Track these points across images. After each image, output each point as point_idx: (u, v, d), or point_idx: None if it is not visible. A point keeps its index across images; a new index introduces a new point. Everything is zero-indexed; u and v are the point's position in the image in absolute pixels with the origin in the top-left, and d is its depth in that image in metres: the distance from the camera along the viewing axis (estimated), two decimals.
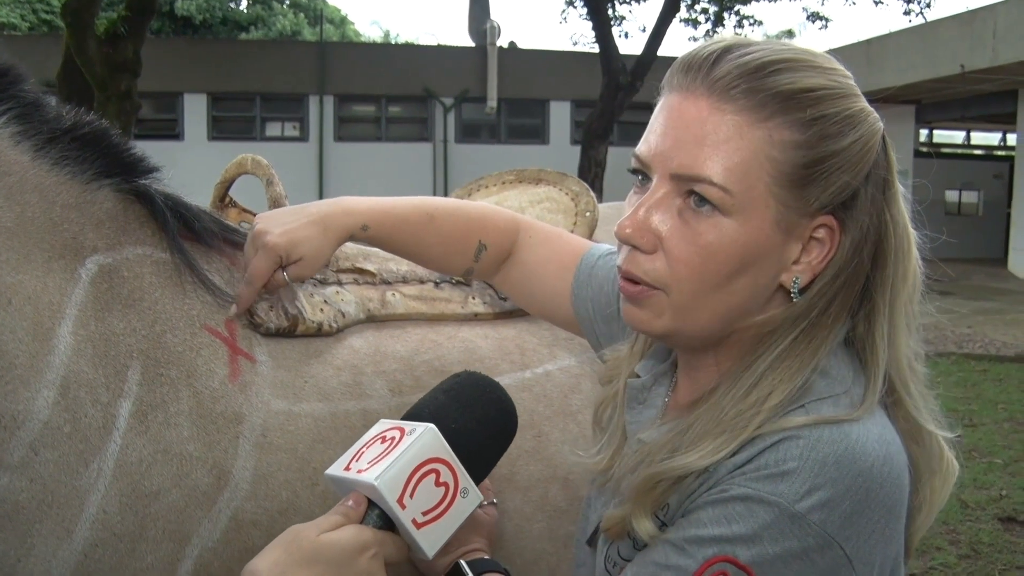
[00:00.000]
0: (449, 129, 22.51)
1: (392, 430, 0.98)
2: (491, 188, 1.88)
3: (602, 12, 16.49)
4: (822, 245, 0.96)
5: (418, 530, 0.93)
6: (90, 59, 10.43)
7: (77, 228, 1.24)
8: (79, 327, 1.19)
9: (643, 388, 1.12)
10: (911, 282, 0.99)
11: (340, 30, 38.16)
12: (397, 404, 1.37)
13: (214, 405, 1.24)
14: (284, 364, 1.33)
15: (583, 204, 1.76)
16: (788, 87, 0.93)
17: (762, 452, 0.89)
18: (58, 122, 1.27)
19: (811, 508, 0.86)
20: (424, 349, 1.47)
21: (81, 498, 1.14)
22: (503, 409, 1.04)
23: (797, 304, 0.97)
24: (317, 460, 1.28)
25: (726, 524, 0.88)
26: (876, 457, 0.89)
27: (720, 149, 0.93)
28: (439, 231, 1.34)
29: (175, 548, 1.19)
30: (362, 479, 0.93)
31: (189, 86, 21.08)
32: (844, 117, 0.94)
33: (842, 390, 0.94)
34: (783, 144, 0.93)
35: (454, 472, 0.95)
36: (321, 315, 1.39)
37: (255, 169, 1.53)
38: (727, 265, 0.95)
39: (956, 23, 15.50)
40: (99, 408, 1.17)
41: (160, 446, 1.19)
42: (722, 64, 0.94)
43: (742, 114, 0.93)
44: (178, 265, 1.30)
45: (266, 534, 1.23)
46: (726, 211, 0.93)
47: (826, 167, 0.94)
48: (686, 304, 0.97)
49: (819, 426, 0.89)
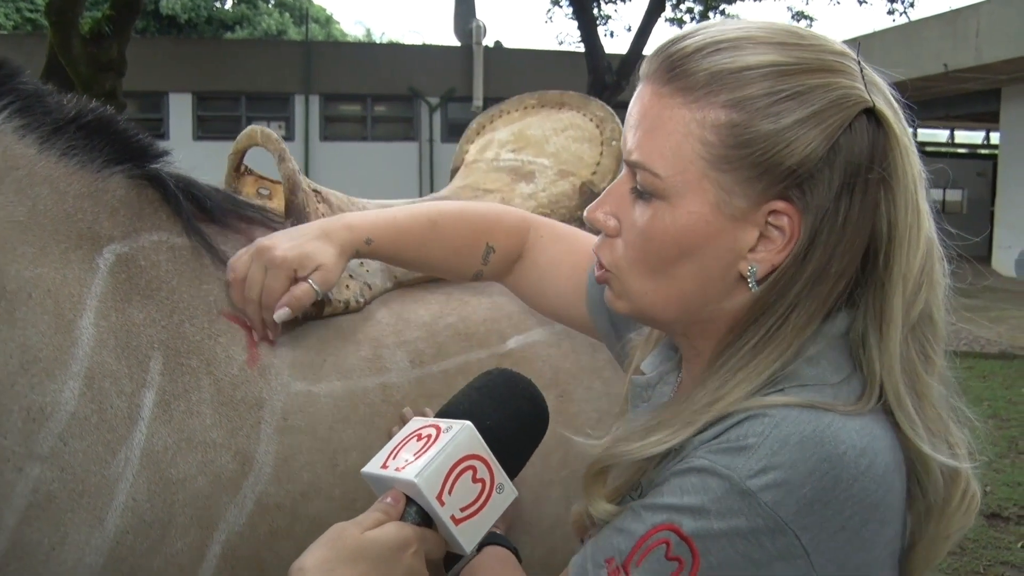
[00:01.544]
0: (435, 128, 22.47)
1: (427, 428, 0.99)
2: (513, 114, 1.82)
3: (587, 11, 16.52)
4: (782, 234, 0.91)
5: (456, 526, 0.94)
6: (74, 58, 10.36)
7: (92, 217, 1.24)
8: (100, 318, 1.20)
9: (647, 386, 1.10)
10: (911, 285, 0.91)
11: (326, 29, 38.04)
12: (417, 376, 1.38)
13: (235, 392, 1.25)
14: (303, 344, 1.34)
15: (609, 131, 1.71)
16: (722, 67, 0.89)
17: (729, 428, 0.86)
18: (61, 112, 1.26)
19: (763, 487, 0.81)
20: (448, 311, 1.46)
21: (111, 486, 1.16)
22: (535, 405, 1.05)
23: (761, 295, 0.92)
24: (337, 440, 1.29)
25: (679, 494, 0.85)
26: (851, 446, 0.83)
27: (653, 134, 0.92)
28: (443, 237, 1.32)
29: (203, 534, 1.20)
30: (401, 476, 0.94)
31: (174, 85, 20.97)
32: (792, 94, 0.88)
33: (835, 380, 0.90)
34: (715, 125, 0.89)
35: (490, 468, 0.96)
36: (347, 292, 1.38)
37: (265, 142, 1.49)
38: (665, 249, 0.93)
39: (939, 22, 15.59)
40: (124, 398, 1.18)
41: (184, 434, 1.21)
42: (670, 47, 0.93)
43: (675, 96, 0.91)
44: (195, 248, 1.31)
45: (290, 516, 1.25)
46: (660, 195, 0.92)
47: (763, 147, 0.88)
48: (632, 288, 0.97)
49: (791, 407, 0.85)
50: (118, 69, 10.71)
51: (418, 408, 1.34)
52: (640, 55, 15.83)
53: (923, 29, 15.93)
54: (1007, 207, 16.11)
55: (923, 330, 0.94)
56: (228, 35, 31.00)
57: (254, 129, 1.53)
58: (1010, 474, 4.87)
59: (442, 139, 22.44)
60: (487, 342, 1.45)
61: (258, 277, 1.26)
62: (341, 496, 1.29)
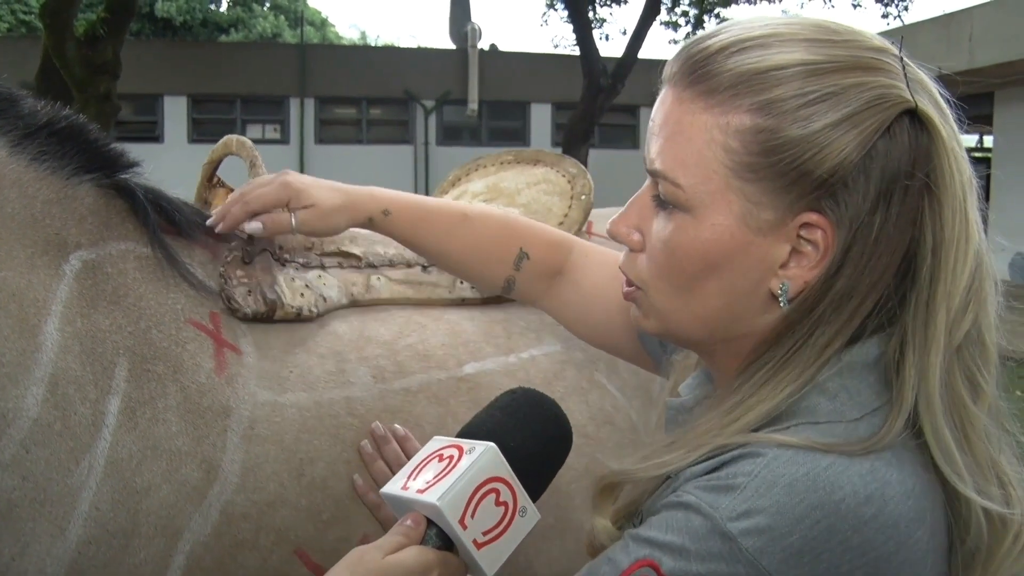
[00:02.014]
0: (430, 131, 22.47)
1: (450, 448, 0.96)
2: (489, 168, 1.87)
3: (583, 14, 16.52)
4: (816, 249, 0.84)
5: (478, 550, 0.91)
6: (69, 61, 10.36)
7: (60, 224, 1.23)
8: (65, 324, 1.19)
9: (682, 409, 1.01)
10: (956, 304, 0.82)
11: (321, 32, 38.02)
12: (380, 391, 1.37)
13: (201, 399, 1.24)
14: (269, 354, 1.33)
15: (579, 187, 1.75)
16: (748, 67, 0.83)
17: (723, 464, 0.82)
18: (34, 117, 1.25)
19: (745, 531, 0.76)
20: (408, 332, 1.46)
21: (73, 495, 1.14)
22: (560, 426, 1.02)
23: (788, 313, 0.85)
24: (303, 450, 1.28)
25: (664, 529, 0.81)
26: (851, 493, 0.76)
27: (674, 141, 0.86)
28: (473, 231, 1.28)
29: (167, 543, 1.19)
30: (424, 499, 0.91)
31: (169, 88, 20.95)
32: (824, 95, 0.81)
33: (853, 416, 0.82)
34: (739, 131, 0.83)
35: (513, 491, 0.93)
36: (301, 300, 1.38)
37: (239, 150, 1.53)
38: (691, 265, 0.87)
39: (933, 26, 15.62)
40: (88, 405, 1.17)
41: (149, 442, 1.19)
42: (692, 50, 0.87)
43: (696, 101, 0.85)
44: (160, 259, 1.30)
45: (256, 526, 1.24)
46: (682, 207, 0.86)
47: (792, 154, 0.81)
48: (661, 305, 0.92)
49: (787, 447, 0.79)
50: (113, 71, 10.72)
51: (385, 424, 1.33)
52: (635, 58, 15.86)
53: (917, 33, 15.95)
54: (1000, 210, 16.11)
55: (971, 354, 0.85)
56: (223, 38, 30.99)
57: (230, 138, 1.55)
58: None
59: (437, 142, 22.45)
60: (445, 365, 1.44)
61: (265, 183, 1.29)
62: (307, 507, 1.27)
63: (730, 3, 18.56)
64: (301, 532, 1.26)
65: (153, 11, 28.73)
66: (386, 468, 1.29)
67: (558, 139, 19.88)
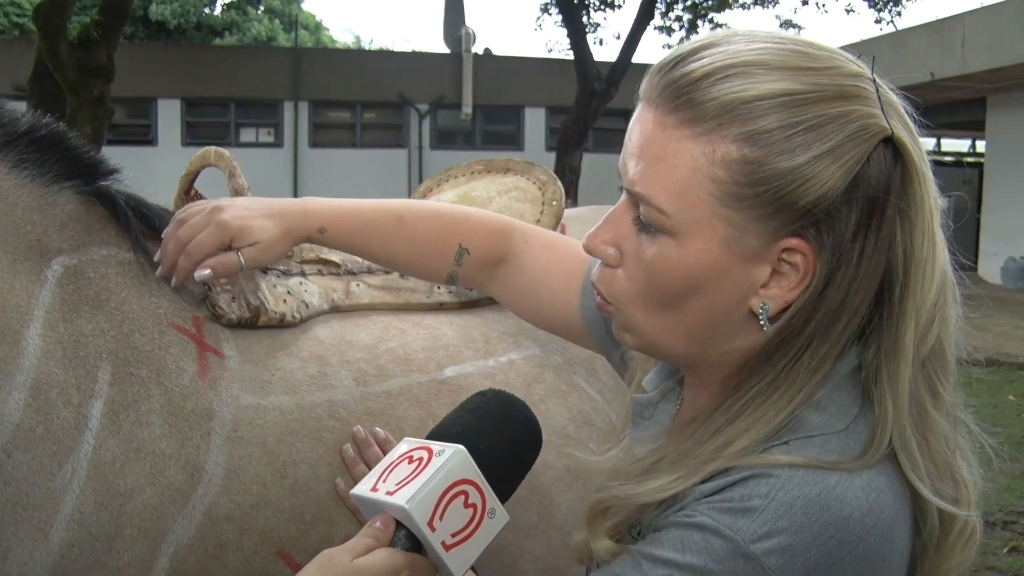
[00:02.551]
0: (424, 135, 22.49)
1: (419, 450, 0.97)
2: (460, 178, 1.89)
3: (577, 19, 16.57)
4: (796, 270, 0.86)
5: (447, 552, 0.92)
6: (62, 64, 10.36)
7: (41, 230, 1.24)
8: (47, 329, 1.19)
9: (649, 404, 1.06)
10: (924, 320, 0.87)
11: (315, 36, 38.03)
12: (361, 394, 1.38)
13: (185, 402, 1.25)
14: (252, 358, 1.34)
15: (550, 193, 1.77)
16: (733, 96, 0.83)
17: (732, 485, 0.83)
18: (14, 125, 1.26)
19: (768, 551, 0.79)
20: (388, 337, 1.47)
21: (56, 499, 1.14)
22: (529, 429, 1.03)
23: (773, 334, 0.88)
24: (285, 453, 1.29)
25: (680, 550, 0.83)
26: (856, 507, 0.81)
27: (657, 167, 0.86)
28: (411, 234, 1.30)
29: (151, 546, 1.19)
30: (392, 501, 0.91)
31: (163, 91, 20.94)
32: (808, 127, 0.82)
33: (841, 426, 0.86)
34: (725, 161, 0.84)
35: (482, 493, 0.94)
36: (284, 306, 1.40)
37: (218, 161, 1.54)
38: (672, 286, 0.89)
39: (926, 32, 15.67)
40: (71, 409, 1.17)
41: (133, 445, 1.19)
42: (675, 71, 0.87)
43: (681, 128, 0.85)
44: (142, 264, 1.31)
45: (239, 528, 1.24)
46: (666, 231, 0.87)
47: (778, 185, 0.83)
48: (636, 322, 0.94)
49: (796, 467, 0.82)
50: (106, 75, 10.72)
51: (367, 427, 1.34)
52: (629, 62, 15.90)
53: (910, 38, 16.01)
54: (993, 215, 16.18)
55: (933, 365, 0.90)
56: (217, 41, 30.95)
57: (208, 150, 1.56)
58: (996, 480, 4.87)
59: (431, 146, 22.47)
60: (426, 368, 1.45)
61: (199, 226, 1.26)
62: (290, 508, 1.28)
63: (724, 8, 18.60)
64: (284, 533, 1.26)
65: (147, 14, 28.70)
66: (367, 471, 1.29)
67: (552, 143, 19.90)
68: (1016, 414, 6.45)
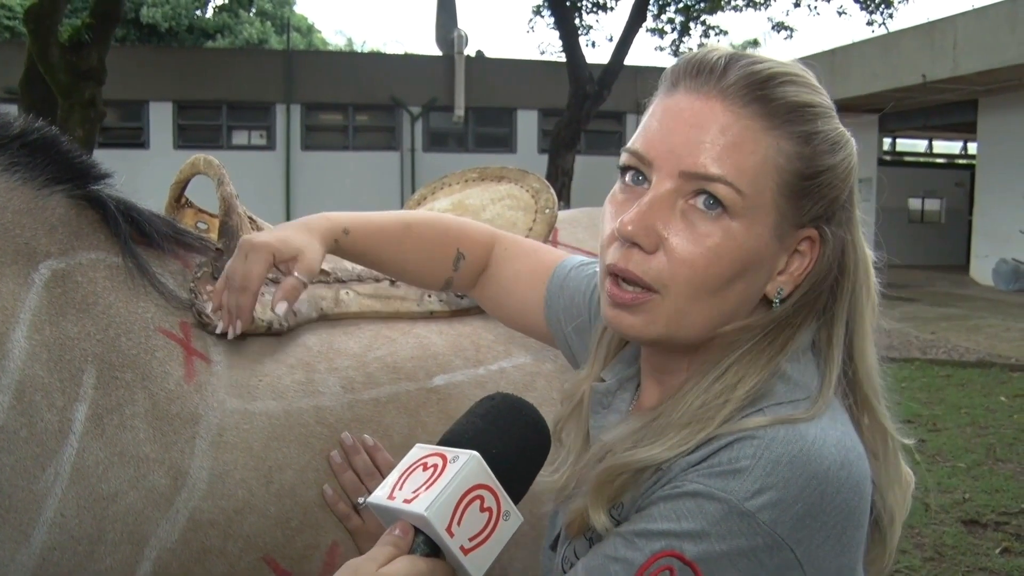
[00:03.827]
0: (416, 138, 22.49)
1: (433, 456, 0.98)
2: (454, 186, 1.90)
3: (569, 21, 16.58)
4: (803, 257, 0.98)
5: (465, 556, 0.93)
6: (53, 66, 10.33)
7: (30, 234, 1.24)
8: (33, 332, 1.19)
9: (608, 392, 1.12)
10: (873, 294, 1.02)
11: (307, 39, 38.02)
12: (349, 401, 1.38)
13: (170, 406, 1.24)
14: (239, 364, 1.34)
15: (543, 201, 1.79)
16: (794, 99, 0.95)
17: (717, 451, 0.89)
18: (6, 129, 1.27)
19: (761, 507, 0.85)
20: (377, 345, 1.47)
21: (38, 502, 1.14)
22: (539, 430, 1.04)
23: (775, 312, 0.98)
24: (272, 458, 1.29)
25: (675, 520, 0.88)
26: (833, 461, 0.88)
27: (735, 150, 0.93)
28: (418, 239, 1.33)
29: (134, 550, 1.19)
30: (411, 509, 0.93)
31: (154, 94, 20.91)
32: (836, 135, 0.97)
33: (803, 395, 0.94)
34: (788, 154, 0.95)
35: (497, 497, 0.96)
36: (270, 314, 1.39)
37: (207, 169, 1.55)
38: (729, 269, 0.94)
39: (917, 34, 15.73)
40: (55, 412, 1.17)
41: (117, 448, 1.19)
42: (733, 71, 0.95)
43: (755, 120, 0.94)
44: (131, 269, 1.31)
45: (223, 533, 1.24)
46: (734, 214, 0.93)
47: (820, 181, 0.96)
48: (682, 307, 0.96)
49: (775, 426, 0.89)
50: (98, 77, 10.69)
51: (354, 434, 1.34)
52: (621, 65, 15.91)
53: (901, 40, 16.06)
54: (984, 217, 16.25)
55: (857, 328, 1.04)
56: (209, 44, 30.94)
57: (197, 157, 1.57)
58: (988, 481, 4.90)
59: (424, 148, 22.47)
60: (415, 376, 1.46)
61: (239, 264, 1.23)
62: (276, 514, 1.27)
63: (716, 10, 18.64)
64: (269, 539, 1.26)
65: (139, 17, 28.68)
66: (356, 478, 1.31)
67: (544, 145, 19.92)
68: (1008, 415, 6.47)
